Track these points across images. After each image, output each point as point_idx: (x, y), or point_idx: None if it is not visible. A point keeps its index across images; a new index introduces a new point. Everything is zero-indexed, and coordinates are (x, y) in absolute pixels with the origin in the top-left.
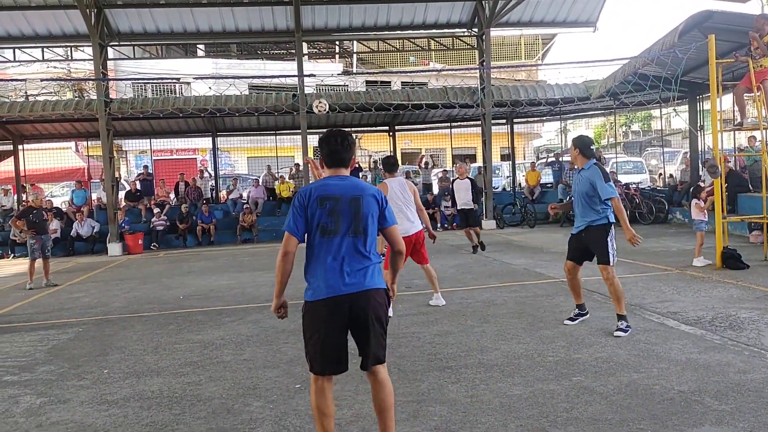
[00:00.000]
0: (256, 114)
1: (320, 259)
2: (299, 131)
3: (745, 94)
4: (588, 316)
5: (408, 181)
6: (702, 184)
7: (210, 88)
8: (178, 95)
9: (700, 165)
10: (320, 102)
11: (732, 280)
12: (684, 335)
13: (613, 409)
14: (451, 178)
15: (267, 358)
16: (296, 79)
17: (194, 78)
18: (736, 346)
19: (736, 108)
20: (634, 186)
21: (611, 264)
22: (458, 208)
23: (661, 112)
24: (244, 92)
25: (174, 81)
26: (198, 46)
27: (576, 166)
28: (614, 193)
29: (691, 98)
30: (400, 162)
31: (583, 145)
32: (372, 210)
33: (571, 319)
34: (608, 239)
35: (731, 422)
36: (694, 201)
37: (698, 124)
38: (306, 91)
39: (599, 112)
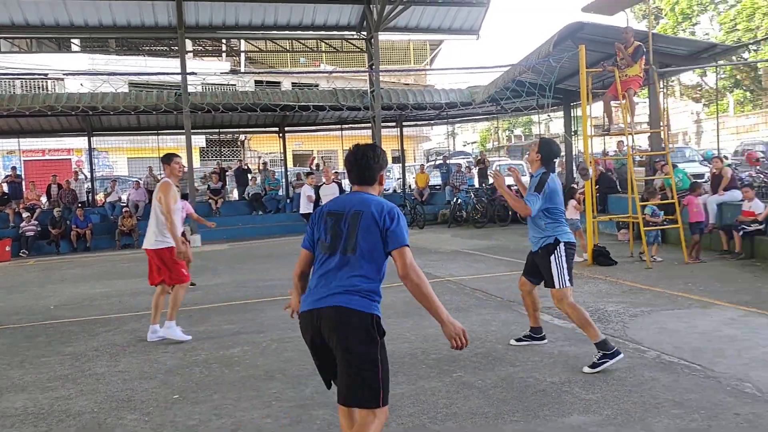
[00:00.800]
0: (135, 112)
1: (314, 274)
2: (183, 131)
3: (612, 102)
4: (545, 342)
5: (162, 182)
6: (575, 186)
7: (82, 84)
8: (49, 92)
9: (575, 168)
10: None
11: (601, 275)
12: (557, 329)
13: (490, 402)
14: (318, 183)
15: (143, 368)
16: (179, 76)
17: (64, 73)
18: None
19: (605, 114)
20: (515, 188)
21: (558, 287)
22: None
23: (539, 117)
24: (123, 89)
25: (41, 77)
26: (73, 40)
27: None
28: (529, 205)
29: (565, 105)
30: (290, 163)
31: (547, 152)
32: (370, 226)
33: (518, 339)
34: (552, 259)
35: (597, 410)
36: (571, 201)
37: (572, 130)
38: (190, 90)
39: (483, 116)
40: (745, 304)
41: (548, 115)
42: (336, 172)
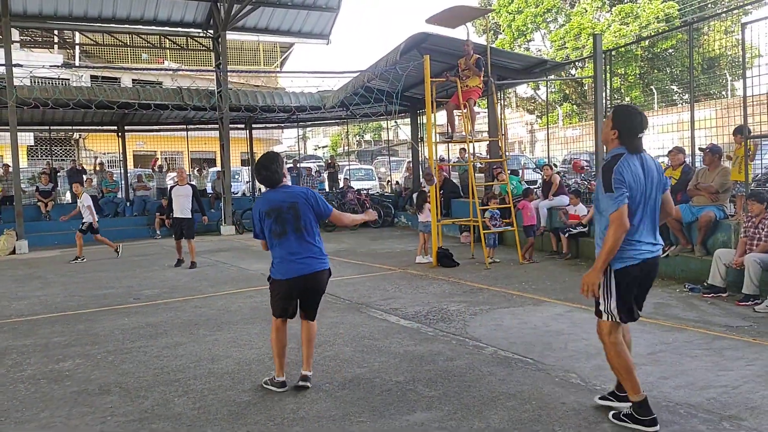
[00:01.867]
0: None
1: (277, 252)
2: (7, 128)
3: (454, 111)
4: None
5: None
6: (425, 190)
7: None
8: None
9: (421, 173)
10: None
11: (445, 276)
12: (403, 329)
13: (337, 405)
14: (170, 185)
15: None
16: (2, 68)
17: None
18: (445, 336)
19: (448, 122)
20: (365, 192)
21: (603, 318)
22: (174, 216)
23: (388, 123)
24: None
25: None
26: None
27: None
28: (613, 206)
29: (412, 112)
30: (131, 164)
31: (625, 124)
32: (306, 210)
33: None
34: (600, 283)
35: (439, 407)
36: (427, 205)
37: (418, 136)
38: (16, 83)
39: (333, 121)
40: (571, 300)
41: (396, 122)
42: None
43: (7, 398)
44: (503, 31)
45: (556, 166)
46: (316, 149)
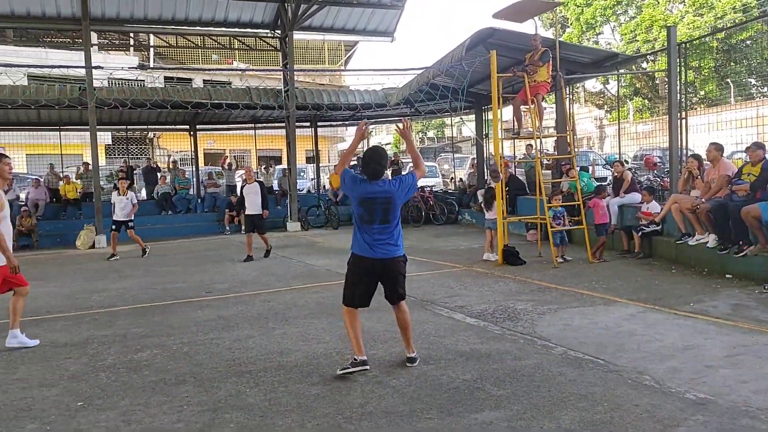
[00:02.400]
0: (35, 107)
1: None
2: (88, 127)
3: (521, 106)
4: None
5: None
6: (492, 186)
7: None
8: None
9: (486, 170)
10: None
11: (511, 275)
12: (469, 327)
13: (404, 401)
14: (240, 183)
15: (44, 375)
16: (83, 70)
17: None
18: (513, 335)
19: (515, 118)
20: (428, 189)
21: None
22: (246, 213)
23: (452, 120)
24: (22, 83)
25: None
26: None
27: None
28: None
29: (477, 108)
30: (201, 162)
31: None
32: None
33: None
34: None
35: (507, 406)
36: (494, 202)
37: (483, 133)
38: (95, 85)
39: (397, 118)
40: (644, 300)
41: (461, 118)
42: (256, 172)
43: (89, 386)
44: (571, 24)
45: (627, 162)
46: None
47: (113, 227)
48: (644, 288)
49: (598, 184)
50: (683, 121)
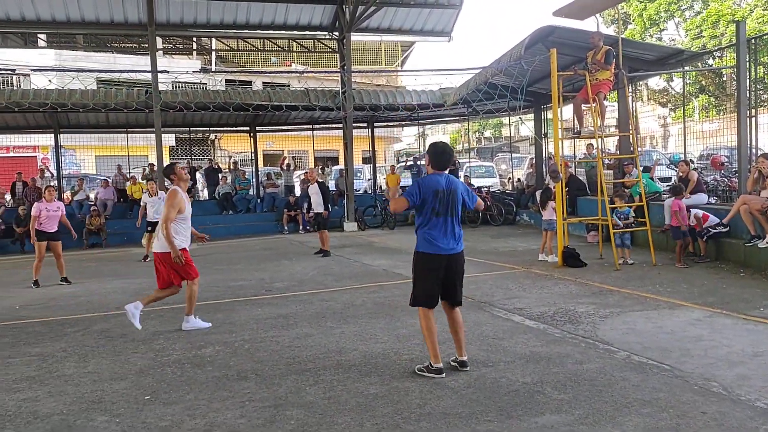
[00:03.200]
0: (104, 110)
1: (433, 230)
2: (153, 129)
3: (582, 105)
4: None
5: (170, 190)
6: (551, 187)
7: (51, 80)
8: (15, 88)
9: (545, 170)
10: None
11: (571, 277)
12: (528, 329)
13: (463, 402)
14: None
15: (114, 369)
16: (149, 74)
17: (32, 69)
18: (574, 338)
19: (575, 118)
20: (485, 189)
21: None
22: (315, 211)
23: (509, 120)
24: (91, 87)
25: (9, 72)
26: (39, 35)
27: None
28: None
29: (536, 107)
30: (261, 163)
31: None
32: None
33: None
34: None
35: (569, 410)
36: (551, 203)
37: (542, 132)
38: (160, 88)
39: (454, 118)
40: (711, 305)
41: (519, 118)
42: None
43: (156, 380)
44: (633, 20)
45: (692, 162)
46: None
47: (148, 228)
48: (711, 292)
49: (678, 184)
50: (752, 119)
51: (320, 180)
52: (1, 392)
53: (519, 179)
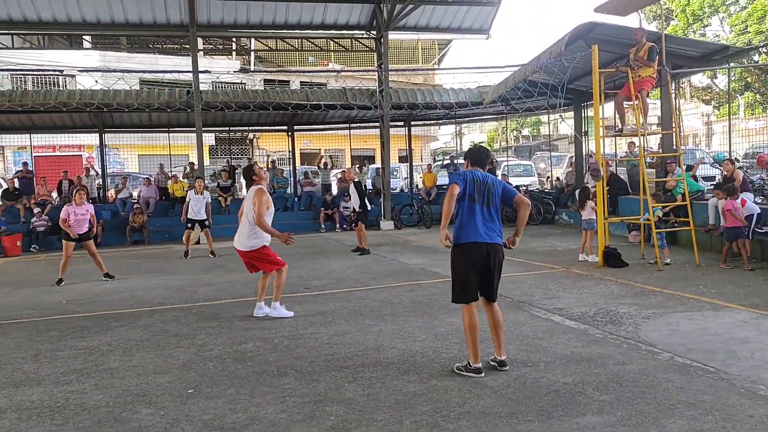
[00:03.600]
0: (148, 110)
1: (473, 218)
2: (194, 129)
3: (624, 103)
4: None
5: (257, 189)
6: (589, 186)
7: (97, 81)
8: (61, 88)
9: (585, 168)
10: None
11: (612, 277)
12: (569, 330)
13: (503, 402)
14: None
15: (158, 363)
16: (190, 75)
17: (79, 70)
18: (615, 339)
19: (617, 115)
20: (524, 188)
21: None
22: (356, 210)
23: (549, 117)
24: (135, 87)
25: (56, 73)
26: (84, 37)
27: None
28: None
29: (576, 105)
30: (298, 161)
31: None
32: (498, 192)
33: None
34: None
35: (611, 411)
36: (589, 203)
37: (582, 130)
38: (201, 88)
39: (492, 116)
40: (757, 306)
41: (560, 116)
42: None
43: (198, 374)
44: (676, 16)
45: (737, 160)
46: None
47: (188, 225)
48: (757, 293)
49: (731, 184)
50: None
51: (356, 179)
52: (50, 384)
53: (558, 178)
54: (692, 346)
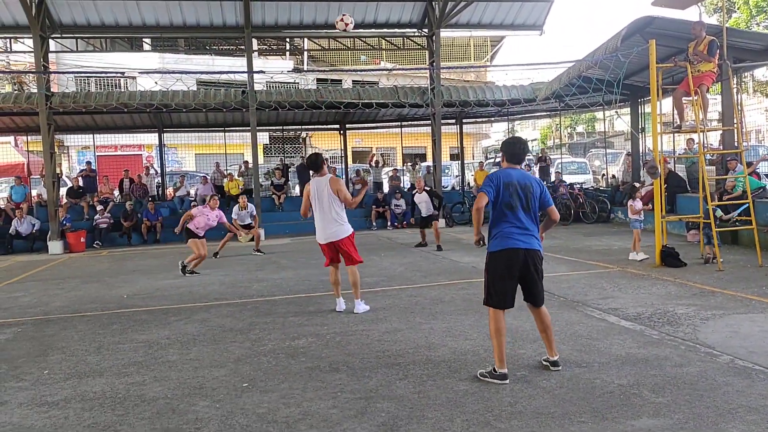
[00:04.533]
0: (204, 110)
1: (507, 225)
2: (248, 128)
3: (683, 98)
4: None
5: (331, 177)
6: (637, 185)
7: (156, 83)
8: (122, 90)
9: (641, 166)
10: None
11: (670, 277)
12: (624, 330)
13: (556, 402)
14: (413, 191)
15: (214, 357)
16: (245, 75)
17: (140, 72)
18: (673, 341)
19: (675, 111)
20: (578, 186)
21: None
22: (423, 215)
23: (604, 114)
24: (192, 88)
25: (119, 75)
26: (144, 40)
27: None
28: None
29: (632, 101)
30: (350, 160)
31: None
32: (535, 193)
33: None
34: None
35: (667, 414)
36: (629, 201)
37: (639, 127)
38: (256, 88)
39: (545, 113)
40: None
41: (616, 112)
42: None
43: (252, 368)
44: (738, 8)
45: None
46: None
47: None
48: None
49: None
50: None
51: (428, 188)
52: (111, 376)
53: (613, 175)
54: (754, 348)
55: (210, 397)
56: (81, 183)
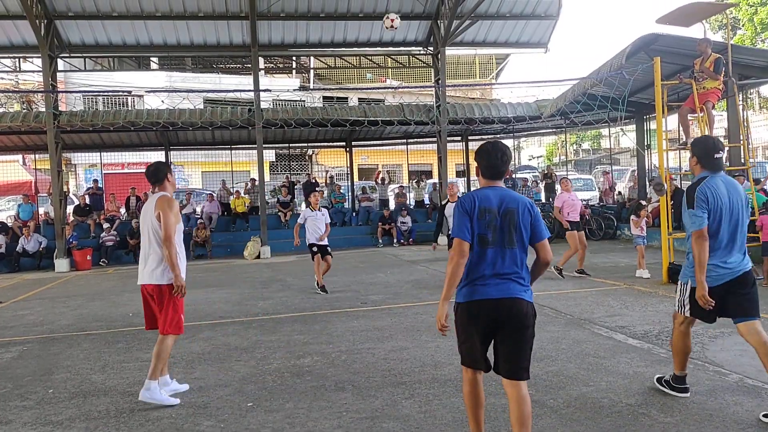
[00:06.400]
0: (211, 128)
1: (479, 266)
2: (255, 146)
3: (689, 115)
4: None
5: (161, 196)
6: (643, 203)
7: (163, 101)
8: (130, 108)
9: (647, 183)
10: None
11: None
12: (632, 349)
13: (563, 422)
14: (442, 201)
15: (218, 376)
16: (252, 93)
17: (147, 91)
18: None
19: (681, 128)
20: (584, 203)
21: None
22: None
23: (609, 131)
24: (199, 106)
25: (126, 94)
26: (151, 58)
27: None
28: (694, 226)
29: (638, 118)
30: (356, 177)
31: (701, 151)
32: (524, 222)
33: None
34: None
35: None
36: (632, 217)
37: (645, 143)
38: (262, 106)
39: (550, 130)
40: None
41: (621, 129)
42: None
43: (257, 387)
44: (743, 26)
45: None
46: (530, 159)
47: (314, 249)
48: None
49: None
50: None
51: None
52: (116, 395)
53: (620, 192)
54: (763, 367)
55: (214, 416)
56: (88, 201)
